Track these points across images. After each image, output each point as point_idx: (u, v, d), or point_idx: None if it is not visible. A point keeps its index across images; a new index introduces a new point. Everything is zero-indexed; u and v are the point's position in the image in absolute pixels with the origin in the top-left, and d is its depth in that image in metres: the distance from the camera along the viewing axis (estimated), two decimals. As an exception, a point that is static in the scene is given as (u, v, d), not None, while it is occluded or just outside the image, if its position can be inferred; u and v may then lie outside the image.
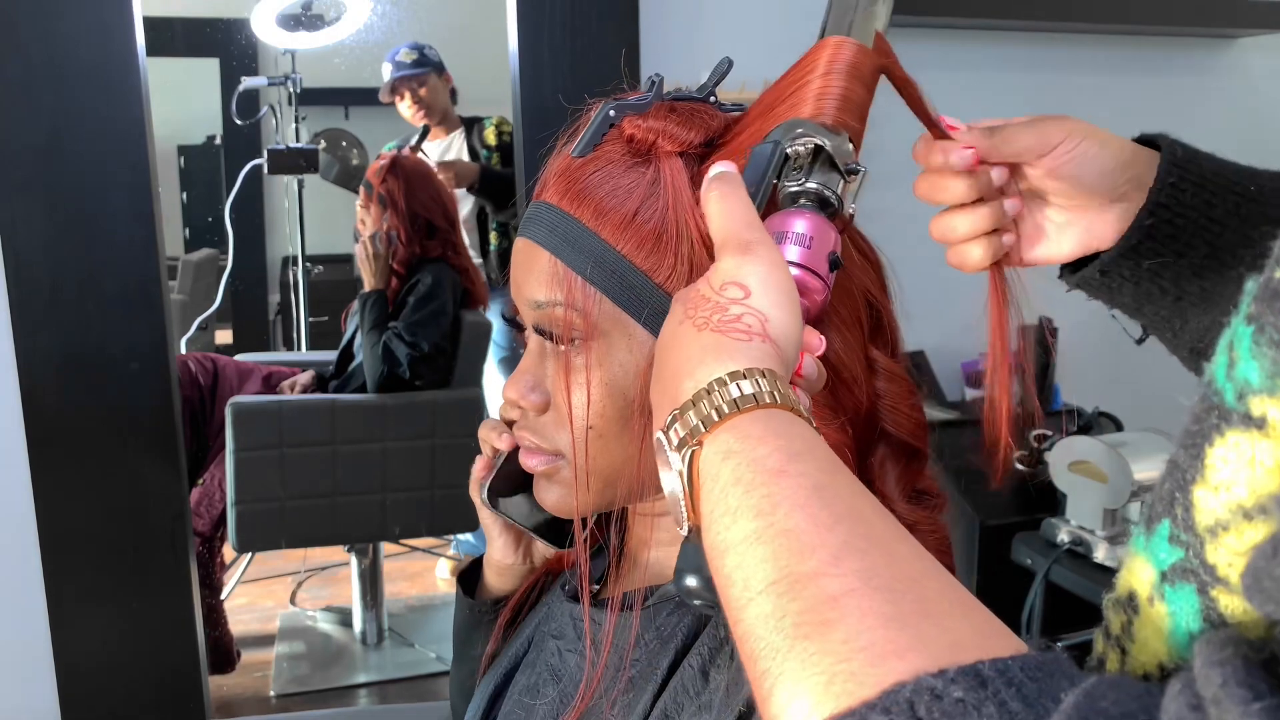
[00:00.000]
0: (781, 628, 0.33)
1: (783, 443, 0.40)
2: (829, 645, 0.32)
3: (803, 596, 0.34)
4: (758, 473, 0.39)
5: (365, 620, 2.79)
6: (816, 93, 0.56)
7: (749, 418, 0.41)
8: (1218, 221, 0.59)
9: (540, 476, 0.66)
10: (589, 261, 0.59)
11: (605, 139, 0.61)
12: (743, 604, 0.36)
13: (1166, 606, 0.36)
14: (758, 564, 0.36)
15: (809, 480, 0.38)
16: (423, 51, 3.08)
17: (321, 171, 3.42)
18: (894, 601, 0.33)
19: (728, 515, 0.38)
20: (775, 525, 0.36)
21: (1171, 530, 0.36)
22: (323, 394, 2.62)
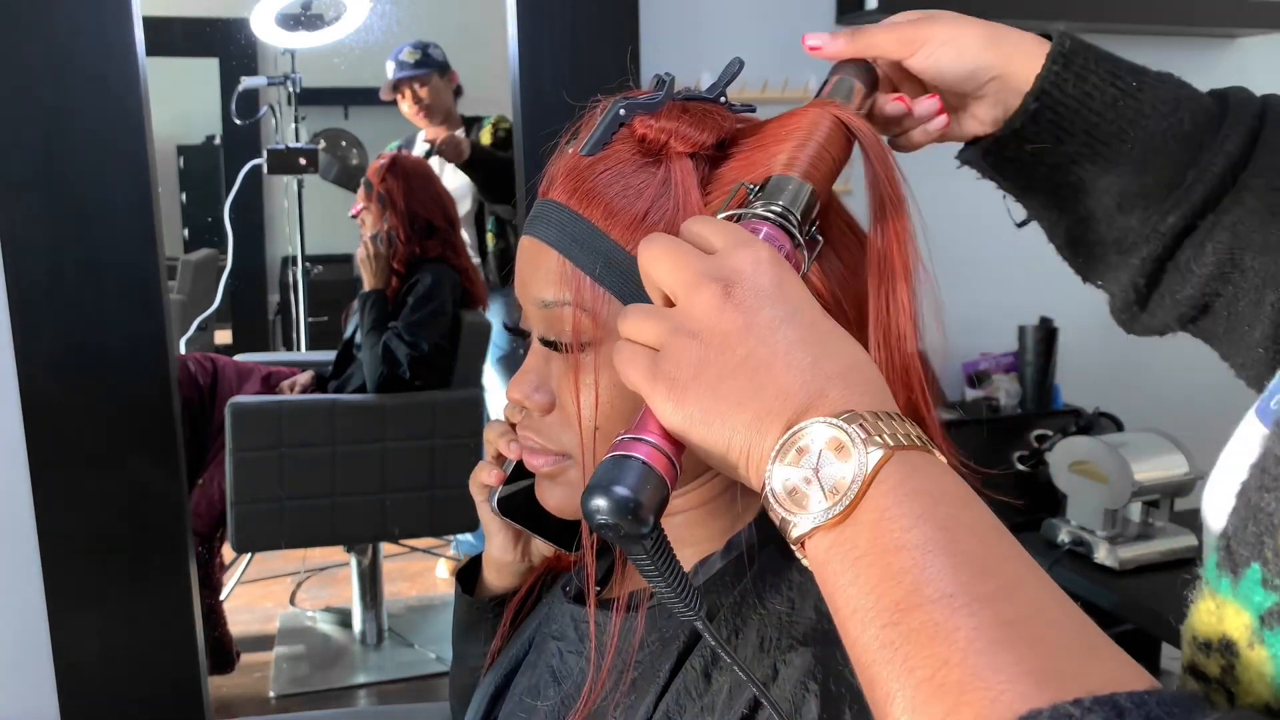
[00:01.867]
0: (953, 640, 0.35)
1: (957, 480, 0.42)
2: (996, 664, 0.33)
3: (979, 614, 0.35)
4: (945, 494, 0.40)
5: (365, 620, 2.79)
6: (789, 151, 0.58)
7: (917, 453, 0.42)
8: (1096, 112, 0.62)
9: (544, 477, 0.65)
10: (599, 261, 0.59)
11: (614, 138, 0.61)
12: (909, 606, 0.36)
13: (1267, 650, 0.37)
14: (937, 574, 0.37)
15: (986, 517, 0.40)
16: (426, 51, 3.07)
17: (321, 171, 3.42)
18: (1060, 635, 0.35)
19: (906, 519, 0.39)
20: (958, 543, 0.38)
21: (1264, 574, 0.36)
22: (322, 394, 2.62)
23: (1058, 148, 0.64)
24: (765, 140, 0.60)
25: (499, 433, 0.72)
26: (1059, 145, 0.64)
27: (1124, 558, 1.56)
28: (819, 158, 0.57)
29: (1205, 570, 0.41)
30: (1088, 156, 0.64)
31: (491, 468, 0.74)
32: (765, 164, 0.58)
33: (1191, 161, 0.61)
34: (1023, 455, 1.89)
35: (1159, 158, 0.62)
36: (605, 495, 0.43)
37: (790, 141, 0.58)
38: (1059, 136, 0.64)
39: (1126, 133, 0.62)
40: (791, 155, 0.57)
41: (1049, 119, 0.63)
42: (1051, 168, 0.65)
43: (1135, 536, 1.61)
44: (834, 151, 0.58)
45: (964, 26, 0.65)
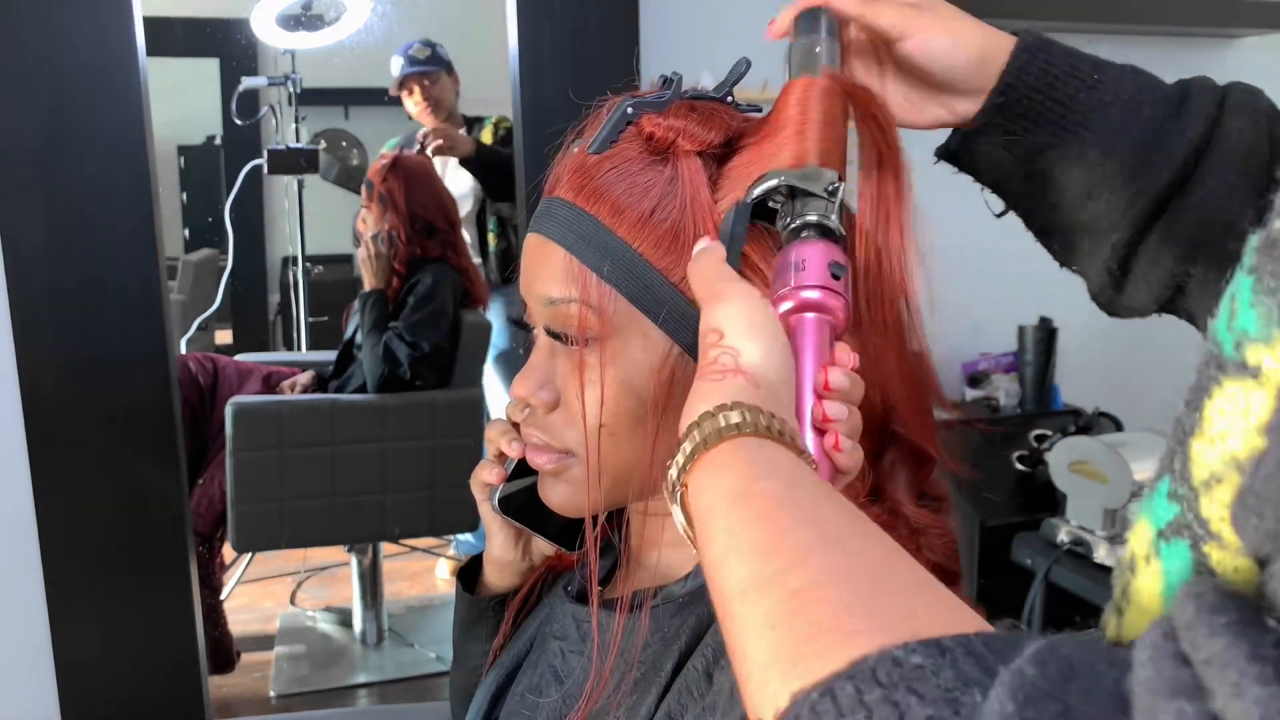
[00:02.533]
0: (751, 624, 0.36)
1: (746, 468, 0.44)
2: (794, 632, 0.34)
3: (770, 594, 0.36)
4: (723, 499, 0.43)
5: (365, 620, 2.79)
6: (792, 136, 0.58)
7: (716, 451, 0.45)
8: (1060, 102, 0.65)
9: (547, 474, 0.65)
10: (605, 259, 0.59)
11: (621, 136, 0.61)
12: (722, 615, 0.39)
13: (1161, 564, 0.36)
14: (731, 575, 0.39)
15: (770, 496, 0.42)
16: (435, 49, 3.08)
17: (321, 171, 3.42)
18: (854, 591, 0.35)
19: (707, 540, 0.42)
20: (743, 540, 0.40)
21: (1170, 486, 0.36)
22: (322, 394, 2.62)
23: (1025, 139, 0.67)
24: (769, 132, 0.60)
25: (500, 431, 0.72)
26: (1027, 136, 0.67)
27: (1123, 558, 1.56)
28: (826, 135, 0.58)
29: None
30: (1054, 146, 0.66)
31: (493, 466, 0.73)
32: (773, 155, 0.58)
33: (1153, 148, 0.64)
34: (1022, 455, 1.89)
35: (1121, 145, 0.64)
36: None
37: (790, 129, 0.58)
38: (1026, 128, 0.66)
39: (1089, 121, 0.65)
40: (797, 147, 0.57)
41: (1016, 111, 0.66)
42: (1021, 159, 0.68)
43: (1135, 536, 1.61)
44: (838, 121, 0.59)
45: (963, 19, 0.67)
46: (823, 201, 0.55)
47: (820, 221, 0.54)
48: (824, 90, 0.60)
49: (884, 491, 0.62)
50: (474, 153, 2.91)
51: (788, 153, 0.57)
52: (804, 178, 0.56)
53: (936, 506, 0.64)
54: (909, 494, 0.63)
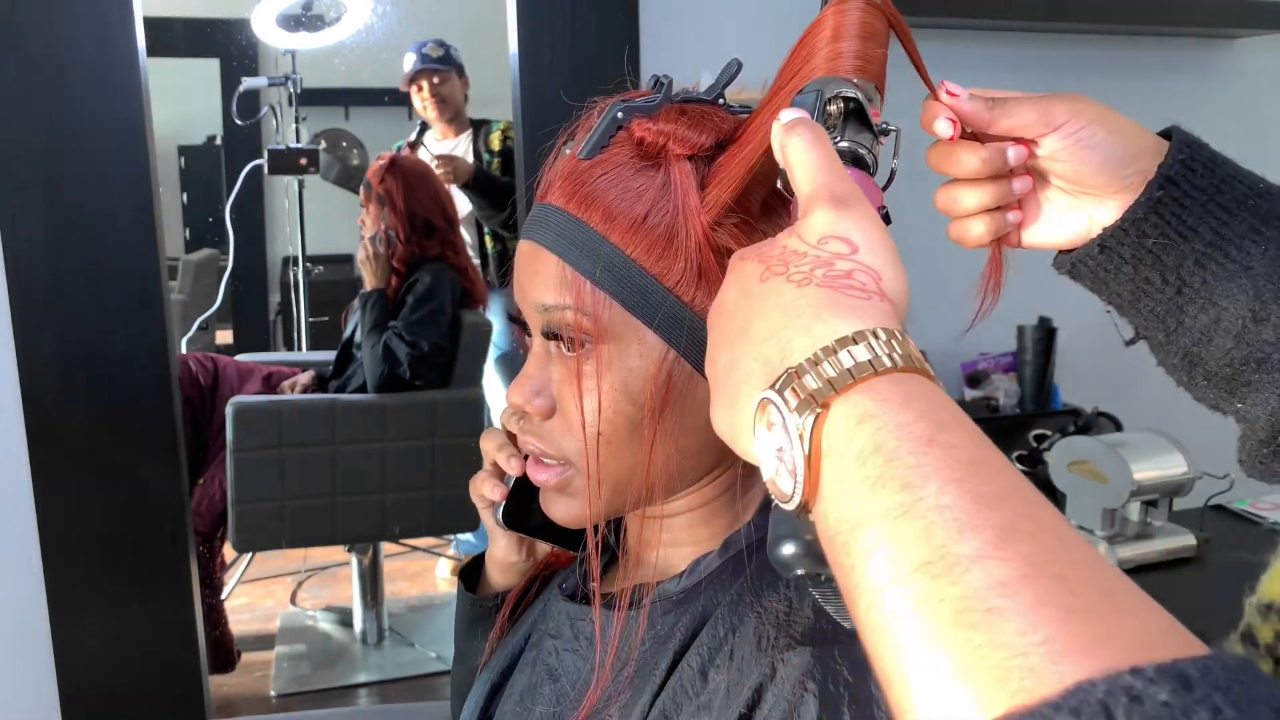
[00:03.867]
0: (939, 614, 0.30)
1: (926, 409, 0.35)
2: (1000, 637, 0.28)
3: (964, 581, 0.30)
4: (903, 440, 0.34)
5: (365, 620, 2.79)
6: (831, 54, 0.54)
7: (886, 380, 0.36)
8: (1225, 208, 0.57)
9: (550, 490, 0.65)
10: (598, 266, 0.58)
11: (612, 141, 0.61)
12: (882, 585, 0.32)
13: None
14: (908, 542, 0.32)
15: (962, 453, 0.34)
16: (448, 49, 3.09)
17: (321, 171, 3.42)
18: (1072, 591, 0.29)
19: (864, 485, 0.34)
20: (927, 500, 0.32)
21: None
22: (323, 394, 2.62)
23: (1181, 244, 0.58)
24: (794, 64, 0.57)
25: (497, 445, 0.72)
26: (1183, 241, 0.58)
27: (1123, 557, 1.57)
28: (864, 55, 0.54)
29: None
30: (1216, 257, 0.57)
31: (494, 482, 0.73)
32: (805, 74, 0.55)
33: None
34: (1021, 455, 1.89)
35: None
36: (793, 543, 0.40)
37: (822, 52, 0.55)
38: (1182, 232, 0.57)
39: (1260, 231, 0.56)
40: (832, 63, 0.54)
41: (1173, 210, 0.57)
42: (1173, 268, 0.58)
43: (1134, 536, 1.61)
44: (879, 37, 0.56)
45: (1106, 108, 0.59)
46: (870, 136, 0.53)
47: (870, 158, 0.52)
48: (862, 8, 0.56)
49: None
50: (473, 178, 2.93)
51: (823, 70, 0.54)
52: (871, 100, 0.52)
53: None
54: None
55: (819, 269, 0.41)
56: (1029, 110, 0.58)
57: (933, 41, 1.90)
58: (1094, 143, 0.58)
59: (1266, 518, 1.71)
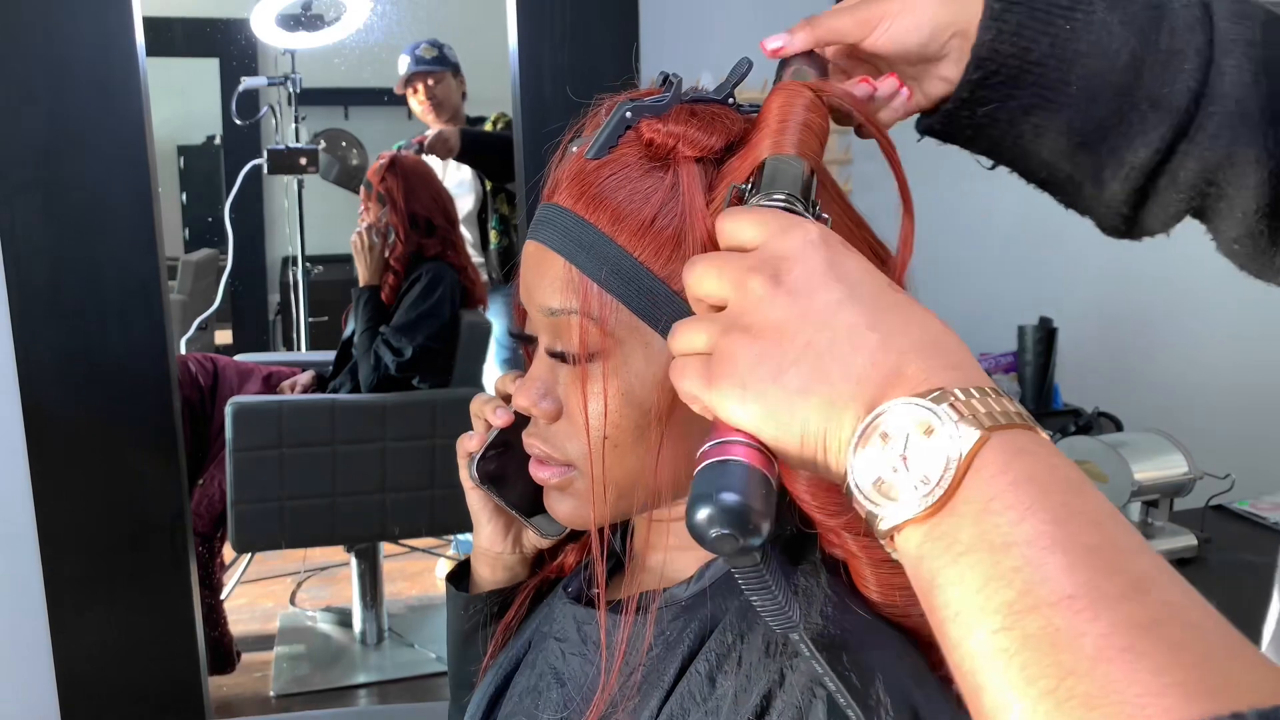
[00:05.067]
0: (1078, 647, 0.31)
1: (1063, 460, 0.38)
2: (1134, 675, 0.29)
3: (1107, 618, 0.31)
4: (1056, 479, 0.36)
5: (365, 620, 2.79)
6: (771, 136, 0.57)
7: (1022, 434, 0.38)
8: (1035, 64, 0.64)
9: (552, 489, 0.64)
10: (605, 268, 0.58)
11: (620, 140, 0.60)
12: (1017, 609, 0.32)
13: None
14: (1054, 572, 0.33)
15: (1103, 503, 0.36)
16: (442, 49, 3.08)
17: (321, 171, 3.42)
18: (1203, 639, 0.31)
19: (1014, 510, 0.35)
20: (1076, 537, 0.34)
21: None
22: (323, 394, 2.62)
23: (1007, 104, 0.66)
24: (750, 138, 0.59)
25: (484, 401, 0.71)
26: (1008, 102, 0.66)
27: None
28: (804, 134, 0.56)
29: None
30: (1038, 105, 0.65)
31: (476, 435, 0.72)
32: (753, 160, 0.56)
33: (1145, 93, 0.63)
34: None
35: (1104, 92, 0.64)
36: (712, 504, 0.39)
37: (769, 128, 0.57)
38: (1007, 94, 0.65)
39: (1068, 77, 0.64)
40: (775, 139, 0.56)
41: (994, 81, 0.65)
42: (1007, 123, 0.67)
43: (1135, 536, 1.61)
44: (816, 123, 0.58)
45: None
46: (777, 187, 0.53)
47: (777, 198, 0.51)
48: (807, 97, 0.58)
49: None
50: (461, 142, 2.89)
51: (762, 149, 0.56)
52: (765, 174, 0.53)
53: None
54: None
55: None
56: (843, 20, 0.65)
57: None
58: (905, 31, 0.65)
59: (1268, 518, 1.71)
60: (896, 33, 0.65)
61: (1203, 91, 0.62)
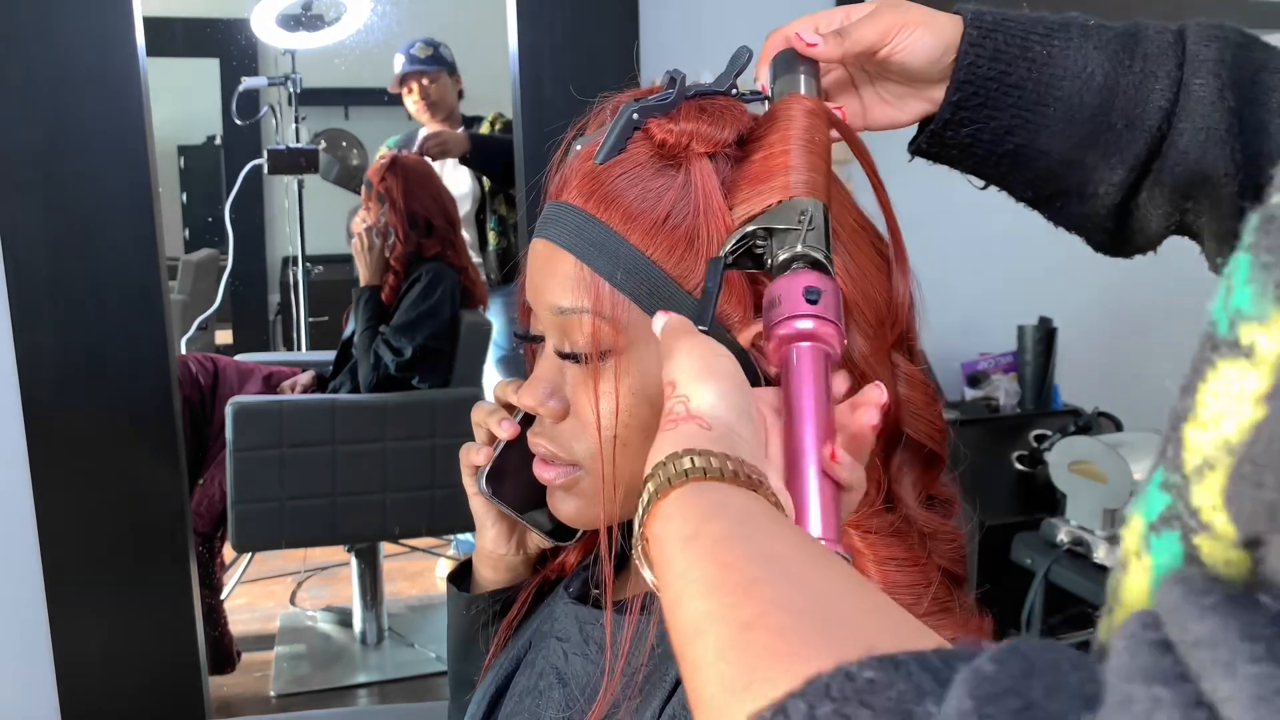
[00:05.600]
0: (704, 663, 0.36)
1: (694, 512, 0.44)
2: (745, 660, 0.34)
3: (717, 629, 0.36)
4: (673, 545, 0.43)
5: (365, 620, 2.79)
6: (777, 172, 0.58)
7: (666, 500, 0.45)
8: (1014, 86, 0.67)
9: (556, 489, 0.64)
10: (618, 268, 0.58)
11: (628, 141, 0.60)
12: (682, 660, 0.38)
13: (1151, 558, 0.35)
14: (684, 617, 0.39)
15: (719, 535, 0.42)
16: (437, 48, 3.07)
17: (321, 171, 3.42)
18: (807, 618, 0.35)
19: (665, 591, 0.42)
20: (692, 580, 0.40)
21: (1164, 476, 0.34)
22: (323, 394, 2.62)
23: (989, 125, 0.69)
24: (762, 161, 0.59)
25: (488, 411, 0.70)
26: (990, 122, 0.69)
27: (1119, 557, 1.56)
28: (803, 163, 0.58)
29: None
30: (1019, 126, 0.68)
31: (481, 447, 0.72)
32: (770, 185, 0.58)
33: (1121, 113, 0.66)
34: (1022, 455, 1.89)
35: (1080, 113, 0.67)
36: None
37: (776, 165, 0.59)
38: (988, 116, 0.68)
39: (1046, 99, 0.67)
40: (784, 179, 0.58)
41: (975, 104, 0.68)
42: (990, 143, 0.70)
43: (1135, 536, 1.61)
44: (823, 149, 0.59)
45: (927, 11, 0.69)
46: (796, 233, 0.54)
47: (797, 254, 0.54)
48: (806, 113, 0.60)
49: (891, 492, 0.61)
50: (469, 147, 2.90)
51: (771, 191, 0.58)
52: (773, 217, 0.56)
53: (945, 511, 0.64)
54: (915, 495, 0.62)
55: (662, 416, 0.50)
56: (870, 32, 0.67)
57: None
58: (920, 45, 0.67)
59: (1267, 518, 1.71)
60: (913, 45, 0.67)
61: (1173, 110, 0.65)
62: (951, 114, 0.69)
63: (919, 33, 0.67)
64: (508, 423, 0.69)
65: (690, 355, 0.51)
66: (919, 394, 0.62)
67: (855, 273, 0.60)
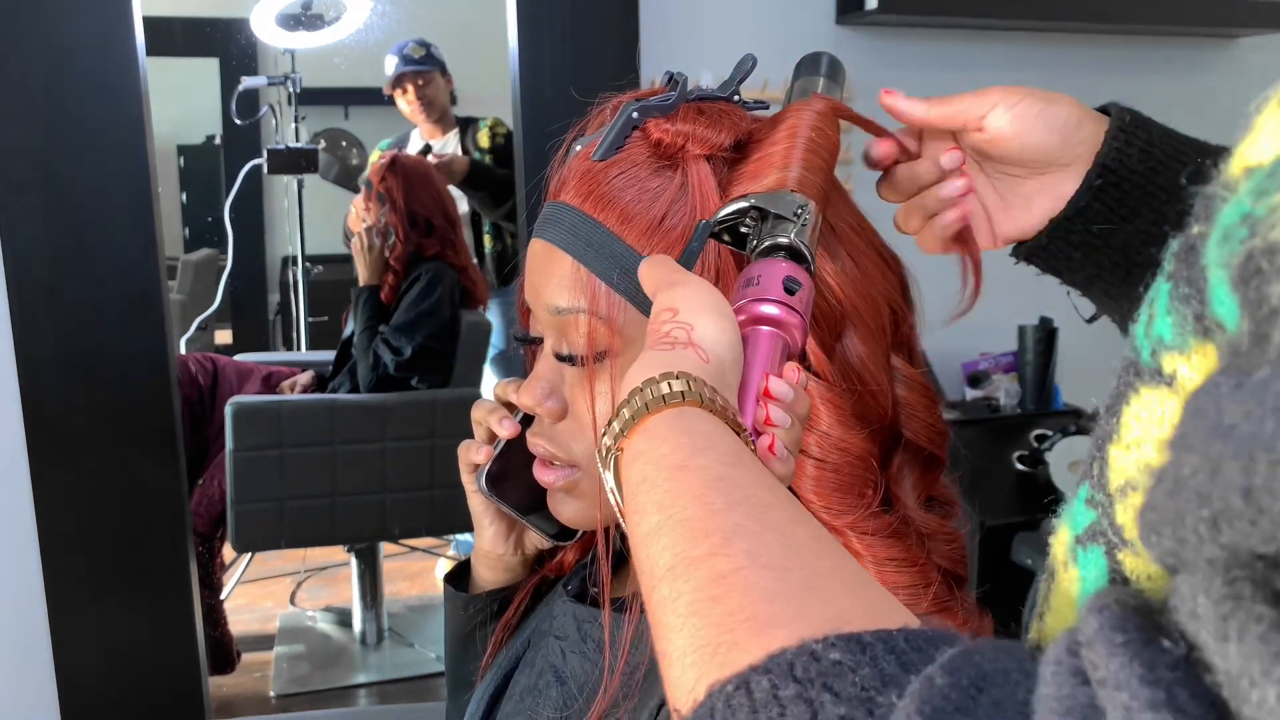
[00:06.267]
0: (676, 608, 0.35)
1: (686, 439, 0.42)
2: (714, 619, 0.33)
3: (694, 577, 0.35)
4: (660, 469, 0.41)
5: (365, 620, 2.79)
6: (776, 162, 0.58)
7: (658, 418, 0.44)
8: (1163, 189, 0.59)
9: (557, 490, 0.64)
10: (614, 268, 0.58)
11: (627, 140, 0.60)
12: (648, 593, 0.38)
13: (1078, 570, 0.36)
14: (659, 554, 0.38)
15: (708, 473, 0.40)
16: (430, 49, 3.08)
17: (321, 171, 3.42)
18: (780, 578, 0.34)
19: (637, 513, 0.41)
20: (674, 516, 0.38)
21: (1089, 492, 0.35)
22: (323, 394, 2.62)
23: (1124, 227, 0.60)
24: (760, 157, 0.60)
25: (488, 410, 0.70)
26: (1126, 225, 0.60)
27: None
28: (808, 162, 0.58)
29: None
30: (1157, 236, 0.60)
31: (480, 445, 0.72)
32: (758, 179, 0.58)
33: None
34: (1022, 455, 1.89)
35: None
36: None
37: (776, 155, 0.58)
38: (1125, 215, 0.60)
39: None
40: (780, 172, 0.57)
41: (1115, 196, 0.60)
42: (1120, 250, 0.61)
43: (1135, 536, 1.61)
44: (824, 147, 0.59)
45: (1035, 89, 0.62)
46: (790, 224, 0.54)
47: (782, 243, 0.54)
48: (816, 114, 0.60)
49: (890, 493, 0.61)
50: (469, 175, 2.92)
51: (770, 179, 0.57)
52: (771, 201, 0.56)
53: (944, 511, 0.64)
54: (915, 497, 0.62)
55: (650, 337, 0.49)
56: (965, 96, 0.62)
57: (933, 40, 1.90)
58: (1033, 114, 0.60)
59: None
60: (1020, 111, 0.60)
61: None
62: (1085, 203, 0.60)
63: (1028, 101, 0.60)
64: (508, 421, 0.69)
65: (700, 290, 0.50)
66: (918, 396, 0.62)
67: (854, 275, 0.60)
